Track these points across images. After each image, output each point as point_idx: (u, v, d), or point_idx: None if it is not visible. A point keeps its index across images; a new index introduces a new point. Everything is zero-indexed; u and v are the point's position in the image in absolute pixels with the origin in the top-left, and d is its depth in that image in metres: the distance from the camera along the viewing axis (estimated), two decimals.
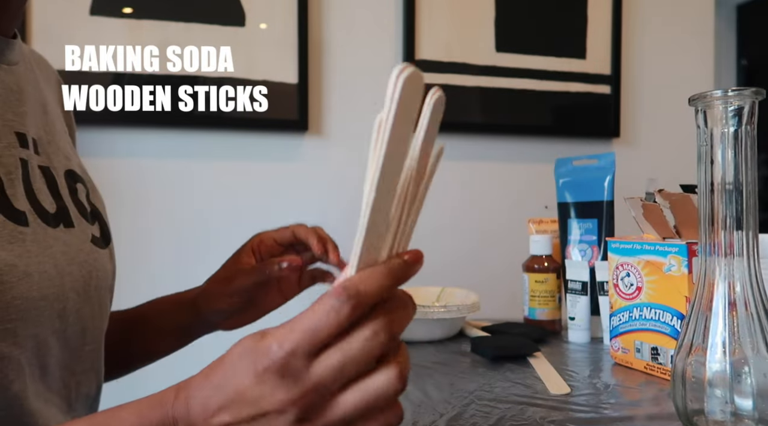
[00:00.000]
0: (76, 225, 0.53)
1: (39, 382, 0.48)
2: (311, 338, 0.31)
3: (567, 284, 0.86)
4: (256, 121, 1.37)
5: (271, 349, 0.32)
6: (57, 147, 0.55)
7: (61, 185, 0.53)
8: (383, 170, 0.30)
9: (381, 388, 0.33)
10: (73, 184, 0.55)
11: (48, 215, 0.49)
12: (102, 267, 0.55)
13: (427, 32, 1.49)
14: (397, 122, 0.30)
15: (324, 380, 0.32)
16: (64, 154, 0.56)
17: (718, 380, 0.44)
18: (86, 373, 0.54)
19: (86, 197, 0.57)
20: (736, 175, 0.44)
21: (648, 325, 0.66)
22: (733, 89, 0.43)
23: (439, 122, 0.33)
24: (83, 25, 1.26)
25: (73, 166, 0.57)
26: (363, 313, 0.32)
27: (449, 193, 1.54)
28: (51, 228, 0.49)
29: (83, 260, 0.52)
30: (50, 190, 0.51)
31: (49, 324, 0.48)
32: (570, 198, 0.91)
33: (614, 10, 1.63)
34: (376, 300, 0.32)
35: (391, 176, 0.31)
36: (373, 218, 0.32)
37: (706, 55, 1.79)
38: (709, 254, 0.45)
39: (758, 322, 0.43)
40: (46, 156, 0.53)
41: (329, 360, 0.32)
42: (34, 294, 0.46)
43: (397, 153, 0.31)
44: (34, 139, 0.52)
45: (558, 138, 1.62)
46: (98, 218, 0.57)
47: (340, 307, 0.31)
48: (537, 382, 0.63)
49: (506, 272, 1.27)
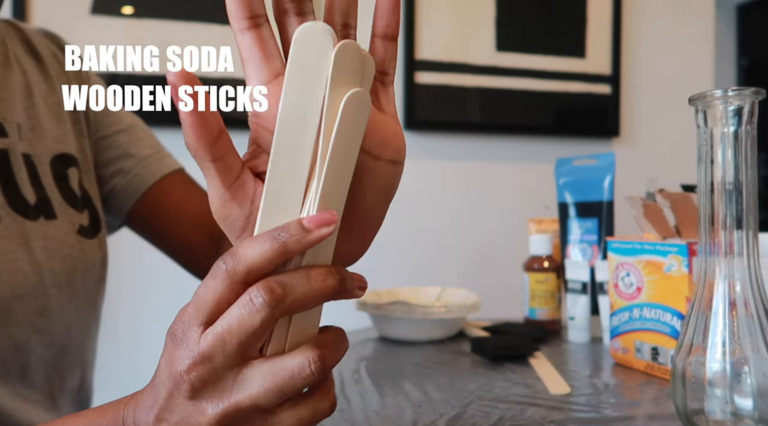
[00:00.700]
0: (59, 215, 0.50)
1: (17, 381, 0.46)
2: (197, 305, 0.30)
3: (567, 284, 0.86)
4: None
5: (173, 323, 0.31)
6: (42, 131, 0.52)
7: (43, 174, 0.51)
8: (281, 120, 0.30)
9: (294, 369, 0.30)
10: (63, 170, 0.53)
11: (27, 207, 0.47)
12: (88, 258, 0.53)
13: (427, 32, 1.49)
14: (292, 71, 0.30)
15: (210, 349, 0.29)
16: (52, 137, 0.53)
17: (718, 380, 0.44)
18: (71, 368, 0.52)
19: (78, 182, 0.54)
20: (736, 174, 0.44)
21: (648, 325, 0.66)
22: (733, 89, 0.43)
23: (351, 74, 0.31)
24: (83, 24, 1.26)
25: (66, 149, 0.54)
26: (243, 279, 0.29)
27: (449, 193, 1.54)
28: (30, 221, 0.47)
29: (66, 253, 0.50)
30: (31, 180, 0.49)
31: (27, 323, 0.46)
32: (570, 198, 0.91)
33: (614, 10, 1.63)
34: (259, 266, 0.29)
35: (291, 129, 0.30)
36: (272, 175, 0.30)
37: (706, 54, 1.79)
38: (709, 254, 0.45)
39: (758, 321, 0.43)
40: (27, 142, 0.50)
41: (213, 328, 0.29)
42: (4, 293, 0.44)
43: (296, 105, 0.30)
44: (19, 124, 0.49)
45: (558, 138, 1.62)
46: (89, 205, 0.55)
47: (216, 271, 0.29)
48: (537, 382, 0.63)
49: (506, 272, 1.27)
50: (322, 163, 0.30)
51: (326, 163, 0.30)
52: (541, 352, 0.75)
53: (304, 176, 0.31)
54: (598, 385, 0.62)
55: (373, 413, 0.53)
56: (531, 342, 0.76)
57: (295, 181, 0.31)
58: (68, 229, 0.51)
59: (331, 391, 0.33)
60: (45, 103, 0.55)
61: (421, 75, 1.49)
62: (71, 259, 0.51)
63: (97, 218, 0.56)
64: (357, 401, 0.56)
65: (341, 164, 0.31)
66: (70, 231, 0.51)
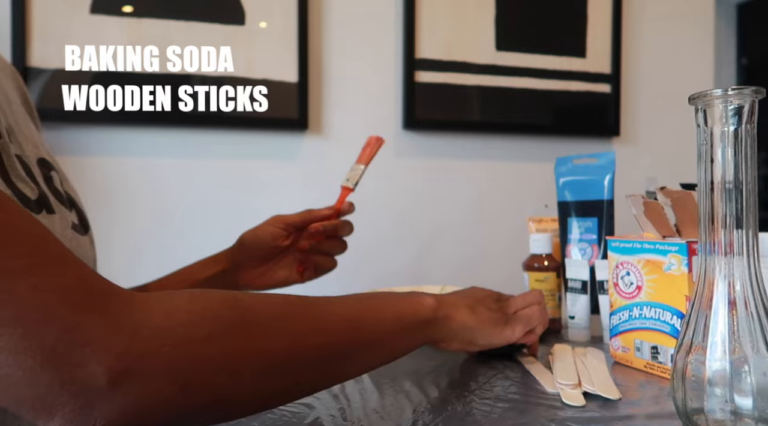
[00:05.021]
0: (56, 211, 0.52)
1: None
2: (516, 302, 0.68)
3: (567, 283, 0.86)
4: (256, 120, 1.37)
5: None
6: (24, 136, 0.55)
7: (36, 173, 0.53)
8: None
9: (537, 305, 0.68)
10: (48, 172, 0.55)
11: (30, 202, 0.49)
12: (84, 254, 0.54)
13: (427, 31, 1.49)
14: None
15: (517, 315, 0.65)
16: (32, 142, 0.56)
17: (718, 379, 0.44)
18: None
19: (60, 185, 0.57)
20: (736, 173, 0.44)
21: (648, 323, 0.66)
22: (733, 88, 0.43)
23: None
24: (83, 23, 1.26)
25: (43, 154, 0.57)
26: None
27: (449, 191, 1.54)
28: (35, 214, 0.49)
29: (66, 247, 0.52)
30: (29, 177, 0.51)
31: None
32: (570, 197, 0.91)
33: (614, 9, 1.63)
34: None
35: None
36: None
37: (706, 53, 1.79)
38: (709, 253, 0.45)
39: (758, 320, 0.43)
40: (17, 144, 0.53)
41: (519, 314, 0.66)
42: None
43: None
44: (6, 128, 0.51)
45: (558, 137, 1.62)
46: (74, 205, 0.57)
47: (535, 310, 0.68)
48: (537, 381, 0.63)
49: (506, 271, 1.27)
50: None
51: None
52: (527, 349, 0.75)
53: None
54: None
55: (372, 412, 0.53)
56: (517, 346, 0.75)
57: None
58: (65, 224, 0.53)
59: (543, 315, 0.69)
60: (19, 109, 0.58)
61: (421, 74, 1.49)
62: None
63: (84, 218, 0.58)
64: (357, 400, 0.56)
65: None
66: (66, 226, 0.53)
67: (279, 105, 1.38)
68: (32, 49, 1.25)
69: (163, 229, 1.36)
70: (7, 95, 0.56)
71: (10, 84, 0.60)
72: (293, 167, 1.45)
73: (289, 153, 1.44)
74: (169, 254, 1.34)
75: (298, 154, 1.45)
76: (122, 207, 1.33)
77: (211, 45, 1.31)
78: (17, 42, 1.23)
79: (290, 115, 1.39)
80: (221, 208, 1.39)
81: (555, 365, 0.66)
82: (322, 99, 1.45)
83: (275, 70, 1.38)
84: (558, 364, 0.66)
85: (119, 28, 1.28)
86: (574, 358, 0.69)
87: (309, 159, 1.45)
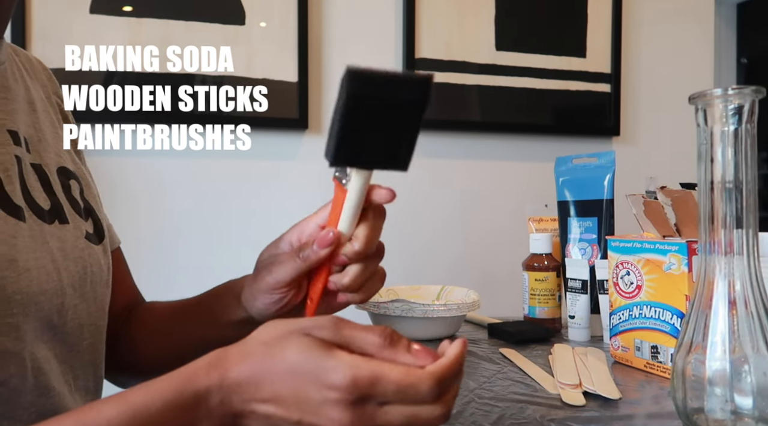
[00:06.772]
0: (70, 221, 0.53)
1: (37, 376, 0.48)
2: (394, 388, 0.35)
3: (567, 283, 0.86)
4: (256, 120, 1.37)
5: (343, 377, 0.34)
6: (47, 144, 0.55)
7: (54, 182, 0.53)
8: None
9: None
10: (66, 181, 0.55)
11: (43, 212, 0.50)
12: (96, 263, 0.55)
13: (427, 30, 1.49)
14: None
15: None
16: (54, 151, 0.56)
17: (718, 379, 0.44)
18: (84, 367, 0.54)
19: (80, 193, 0.57)
20: (736, 173, 0.44)
21: (648, 323, 0.66)
22: (733, 88, 0.43)
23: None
24: (83, 23, 1.26)
25: (65, 163, 0.57)
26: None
27: (449, 191, 1.54)
28: (46, 224, 0.50)
29: (78, 256, 0.52)
30: (44, 187, 0.51)
31: (48, 319, 0.48)
32: (570, 196, 0.91)
33: (614, 9, 1.63)
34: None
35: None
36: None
37: (706, 53, 1.79)
38: (709, 253, 0.45)
39: (758, 320, 0.43)
40: (37, 153, 0.53)
41: (398, 414, 0.35)
42: (33, 289, 0.46)
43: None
44: (25, 137, 0.52)
45: (558, 136, 1.62)
46: (91, 214, 0.58)
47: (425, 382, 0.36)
48: (536, 381, 0.63)
49: (506, 270, 1.27)
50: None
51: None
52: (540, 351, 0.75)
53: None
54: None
55: None
56: (549, 328, 0.83)
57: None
58: (78, 234, 0.53)
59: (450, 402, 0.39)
60: (46, 118, 0.57)
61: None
62: (82, 262, 0.53)
63: (100, 228, 0.58)
64: None
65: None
66: (80, 236, 0.54)
67: (279, 105, 1.38)
68: (32, 48, 1.25)
69: (163, 229, 1.36)
70: (33, 103, 0.56)
71: (39, 90, 0.59)
72: (293, 167, 1.44)
73: (289, 153, 1.44)
74: (168, 254, 1.34)
75: (298, 154, 1.45)
76: (118, 207, 1.33)
77: (211, 45, 1.30)
78: (17, 42, 1.23)
79: (290, 115, 1.39)
80: (221, 208, 1.39)
81: (555, 365, 0.66)
82: (322, 99, 1.45)
83: (275, 70, 1.38)
84: (558, 364, 0.66)
85: (119, 28, 1.28)
86: (574, 357, 0.69)
87: (309, 159, 1.45)
